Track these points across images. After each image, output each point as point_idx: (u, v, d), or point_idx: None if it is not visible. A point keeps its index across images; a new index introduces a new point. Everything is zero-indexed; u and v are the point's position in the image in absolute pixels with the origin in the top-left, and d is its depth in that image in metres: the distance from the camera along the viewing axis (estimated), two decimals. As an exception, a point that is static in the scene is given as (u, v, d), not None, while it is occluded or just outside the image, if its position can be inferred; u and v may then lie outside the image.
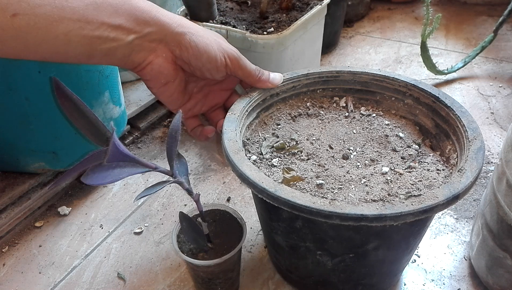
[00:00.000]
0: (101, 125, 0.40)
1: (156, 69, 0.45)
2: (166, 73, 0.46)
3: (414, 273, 0.59)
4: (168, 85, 0.48)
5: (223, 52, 0.48)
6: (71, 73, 0.59)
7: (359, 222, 0.38)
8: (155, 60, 0.45)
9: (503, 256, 0.50)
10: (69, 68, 0.59)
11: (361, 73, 0.59)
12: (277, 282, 0.58)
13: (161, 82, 0.47)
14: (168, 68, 0.46)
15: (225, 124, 0.50)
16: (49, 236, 0.67)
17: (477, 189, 0.72)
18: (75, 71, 0.60)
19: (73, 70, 0.59)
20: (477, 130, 0.47)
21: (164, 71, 0.46)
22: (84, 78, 0.61)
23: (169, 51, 0.45)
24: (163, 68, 0.46)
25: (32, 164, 0.66)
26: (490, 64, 1.09)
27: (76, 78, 0.60)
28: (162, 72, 0.46)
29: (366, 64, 1.12)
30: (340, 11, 1.11)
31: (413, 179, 0.46)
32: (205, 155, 0.82)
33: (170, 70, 0.46)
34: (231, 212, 0.54)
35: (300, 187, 0.46)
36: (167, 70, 0.46)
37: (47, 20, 0.35)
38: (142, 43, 0.42)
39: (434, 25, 0.93)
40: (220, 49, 0.47)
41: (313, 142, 0.53)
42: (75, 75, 0.60)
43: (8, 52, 0.36)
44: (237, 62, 0.49)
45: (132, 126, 0.86)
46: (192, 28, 0.46)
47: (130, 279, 0.60)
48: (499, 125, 0.87)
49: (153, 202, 0.72)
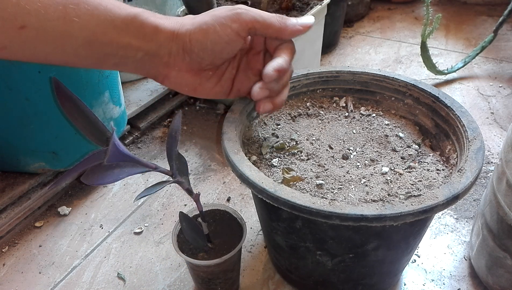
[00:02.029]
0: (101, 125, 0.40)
1: (174, 81, 0.44)
2: (187, 82, 0.44)
3: (414, 273, 0.59)
4: (199, 88, 0.45)
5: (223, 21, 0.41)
6: (71, 73, 0.59)
7: (359, 222, 0.38)
8: (170, 74, 0.43)
9: (503, 256, 0.50)
10: (69, 68, 0.59)
11: (361, 73, 0.59)
12: (277, 282, 0.59)
13: (186, 89, 0.45)
14: (187, 77, 0.44)
15: (225, 124, 0.50)
16: (49, 236, 0.67)
17: (477, 189, 0.72)
18: (75, 71, 0.60)
19: (73, 70, 0.59)
20: (477, 130, 0.47)
21: (183, 82, 0.44)
22: (84, 78, 0.61)
23: (181, 61, 0.43)
24: (180, 79, 0.44)
25: (32, 164, 0.66)
26: (490, 64, 1.09)
27: (76, 78, 0.60)
28: (181, 83, 0.44)
29: (366, 64, 1.12)
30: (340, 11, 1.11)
31: (413, 179, 0.46)
32: (205, 155, 0.82)
33: (189, 78, 0.44)
34: (231, 212, 0.54)
35: (300, 187, 0.46)
36: (186, 80, 0.44)
37: (55, 35, 0.35)
38: (152, 59, 0.41)
39: (434, 25, 0.93)
40: (219, 21, 0.41)
41: (313, 142, 0.53)
42: (75, 75, 0.60)
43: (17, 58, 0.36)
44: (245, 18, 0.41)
45: (132, 126, 0.86)
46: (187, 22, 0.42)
47: (130, 279, 0.60)
48: (499, 125, 0.87)
49: (153, 202, 0.72)
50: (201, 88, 0.45)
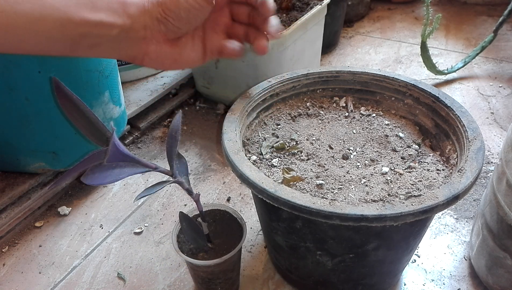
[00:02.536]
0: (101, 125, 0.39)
1: (155, 57, 0.43)
2: (167, 54, 0.43)
3: (414, 273, 0.59)
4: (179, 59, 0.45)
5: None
6: (71, 73, 0.59)
7: (359, 222, 0.38)
8: (149, 49, 0.42)
9: (503, 256, 0.50)
10: (69, 68, 0.59)
11: (361, 73, 0.59)
12: (277, 282, 0.58)
13: (168, 63, 0.44)
14: (166, 49, 0.43)
15: (225, 124, 0.50)
16: (49, 236, 0.67)
17: (477, 189, 0.72)
18: (75, 71, 0.60)
19: (73, 70, 0.59)
20: (477, 130, 0.47)
21: (163, 55, 0.43)
22: (84, 78, 0.61)
23: (157, 33, 0.42)
24: (160, 53, 0.43)
25: (32, 164, 0.66)
26: (490, 64, 1.09)
27: (76, 78, 0.60)
28: (162, 57, 0.43)
29: (366, 64, 1.12)
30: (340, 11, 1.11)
31: (413, 179, 0.46)
32: (205, 155, 0.82)
33: (168, 49, 0.43)
34: (231, 212, 0.54)
35: (300, 187, 0.46)
36: (165, 52, 0.43)
37: (26, 19, 0.34)
38: (128, 36, 0.41)
39: (434, 25, 0.93)
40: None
41: (313, 142, 0.53)
42: (75, 75, 0.60)
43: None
44: None
45: (132, 126, 0.86)
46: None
47: (130, 279, 0.60)
48: (499, 125, 0.87)
49: (153, 202, 0.72)
50: (181, 58, 0.45)
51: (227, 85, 0.86)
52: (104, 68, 0.64)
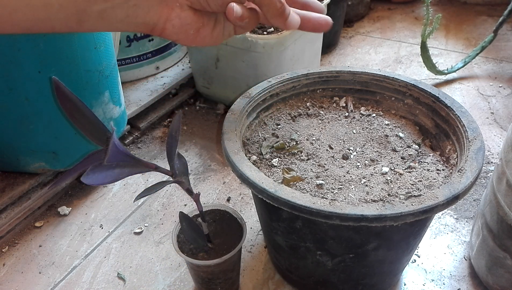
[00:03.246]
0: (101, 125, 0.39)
1: (178, 25, 0.37)
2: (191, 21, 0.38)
3: (414, 273, 0.59)
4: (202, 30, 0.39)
5: None
6: (71, 73, 0.59)
7: (359, 222, 0.38)
8: (171, 15, 0.36)
9: (503, 256, 0.50)
10: (69, 68, 0.59)
11: (361, 73, 0.59)
12: (277, 282, 0.58)
13: (191, 33, 0.38)
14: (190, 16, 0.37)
15: (225, 124, 0.50)
16: (49, 236, 0.67)
17: (477, 189, 0.72)
18: (75, 71, 0.60)
19: (73, 70, 0.59)
20: (477, 130, 0.47)
21: (187, 22, 0.37)
22: (84, 78, 0.61)
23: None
24: (184, 20, 0.37)
25: (32, 164, 0.66)
26: (490, 64, 1.09)
27: (76, 78, 0.60)
28: (185, 24, 0.37)
29: (366, 64, 1.12)
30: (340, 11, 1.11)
31: (413, 179, 0.46)
32: (205, 155, 0.82)
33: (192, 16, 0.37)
34: (231, 212, 0.54)
35: (300, 187, 0.46)
36: (190, 19, 0.37)
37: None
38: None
39: (434, 25, 0.93)
40: None
41: (313, 142, 0.53)
42: (75, 75, 0.60)
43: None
44: None
45: (132, 126, 0.86)
46: None
47: (130, 279, 0.60)
48: (499, 125, 0.87)
49: (153, 202, 0.72)
50: (203, 31, 0.39)
51: (227, 85, 0.86)
52: (104, 68, 0.64)
